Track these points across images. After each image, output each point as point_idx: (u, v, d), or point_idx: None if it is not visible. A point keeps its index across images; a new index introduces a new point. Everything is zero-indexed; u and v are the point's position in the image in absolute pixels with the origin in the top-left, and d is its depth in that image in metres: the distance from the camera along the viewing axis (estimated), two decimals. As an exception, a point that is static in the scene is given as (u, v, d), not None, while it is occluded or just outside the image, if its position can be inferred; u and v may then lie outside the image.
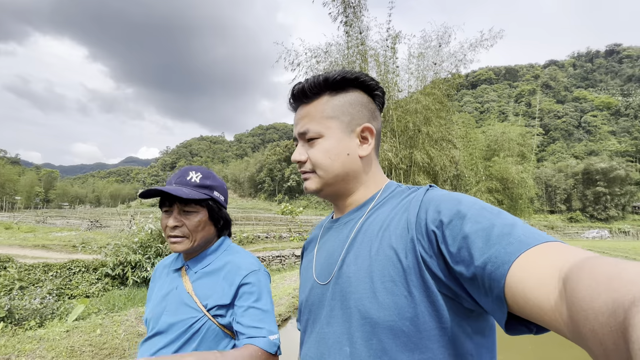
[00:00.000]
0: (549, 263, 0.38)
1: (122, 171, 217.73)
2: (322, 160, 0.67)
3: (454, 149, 13.36)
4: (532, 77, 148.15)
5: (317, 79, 0.68)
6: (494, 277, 0.41)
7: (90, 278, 6.91)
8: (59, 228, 19.25)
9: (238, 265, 0.97)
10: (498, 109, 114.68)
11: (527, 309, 0.38)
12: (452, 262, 0.48)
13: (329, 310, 0.63)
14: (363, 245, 0.61)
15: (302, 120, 0.70)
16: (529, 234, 0.43)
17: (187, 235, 0.96)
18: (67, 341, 3.81)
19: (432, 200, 0.56)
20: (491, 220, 0.46)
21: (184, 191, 0.93)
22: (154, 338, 0.92)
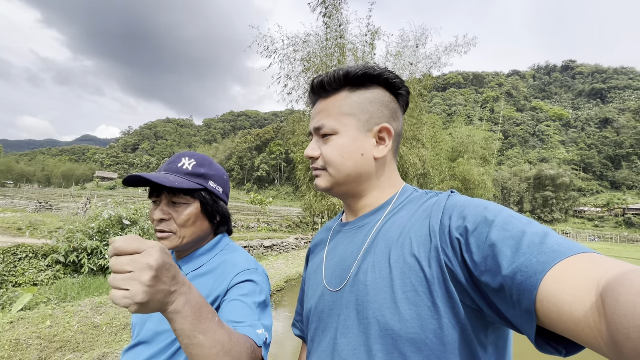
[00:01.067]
0: (585, 275, 0.36)
1: (77, 150, 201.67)
2: (335, 158, 0.64)
3: (422, 148, 13.86)
4: (496, 85, 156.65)
5: (337, 73, 0.65)
6: (524, 288, 0.39)
7: (39, 265, 6.36)
8: (2, 208, 17.52)
9: (233, 263, 0.86)
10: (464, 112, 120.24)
11: (560, 323, 0.36)
12: (476, 271, 0.45)
13: (342, 320, 0.59)
14: (381, 252, 0.58)
15: (319, 114, 0.67)
16: (563, 244, 0.40)
17: (174, 230, 0.84)
18: (10, 333, 3.48)
19: (456, 206, 0.53)
20: (521, 228, 0.44)
21: (169, 179, 0.81)
22: (138, 347, 0.82)
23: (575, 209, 68.73)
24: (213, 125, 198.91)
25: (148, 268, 0.46)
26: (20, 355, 3.15)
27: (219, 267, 0.86)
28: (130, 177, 0.80)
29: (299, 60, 10.96)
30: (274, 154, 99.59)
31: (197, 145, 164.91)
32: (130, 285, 0.45)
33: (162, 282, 0.48)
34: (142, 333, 0.82)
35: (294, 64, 10.93)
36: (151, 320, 0.83)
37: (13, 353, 3.16)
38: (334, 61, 11.07)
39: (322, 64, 11.04)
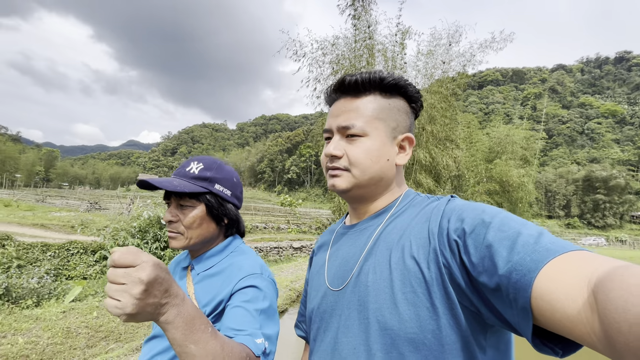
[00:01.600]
0: (577, 272, 0.36)
1: (123, 154, 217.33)
2: (363, 160, 0.64)
3: (457, 149, 13.31)
4: (539, 81, 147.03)
5: (374, 75, 0.65)
6: (519, 286, 0.40)
7: (88, 260, 6.93)
8: (58, 208, 19.28)
9: (239, 266, 0.87)
10: (503, 111, 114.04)
11: (554, 321, 0.37)
12: (474, 272, 0.46)
13: (344, 319, 0.60)
14: (382, 254, 0.59)
15: (348, 113, 0.65)
16: (557, 243, 0.41)
17: (182, 232, 0.88)
18: (63, 322, 3.83)
19: (455, 210, 0.55)
20: (516, 229, 0.44)
21: (173, 183, 0.85)
22: (153, 340, 0.86)
23: (632, 214, 62.25)
24: (246, 129, 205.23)
25: (139, 282, 0.48)
26: (71, 342, 3.44)
27: (226, 269, 0.88)
28: (141, 181, 0.86)
29: (328, 63, 11.01)
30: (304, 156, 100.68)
31: (231, 149, 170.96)
32: (122, 297, 0.47)
33: (152, 295, 0.49)
34: (157, 328, 0.87)
35: (323, 67, 11.00)
36: None
37: (65, 340, 3.47)
38: (362, 63, 11.01)
39: (351, 67, 11.01)
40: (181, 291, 0.56)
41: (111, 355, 3.26)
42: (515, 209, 20.21)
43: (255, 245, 12.08)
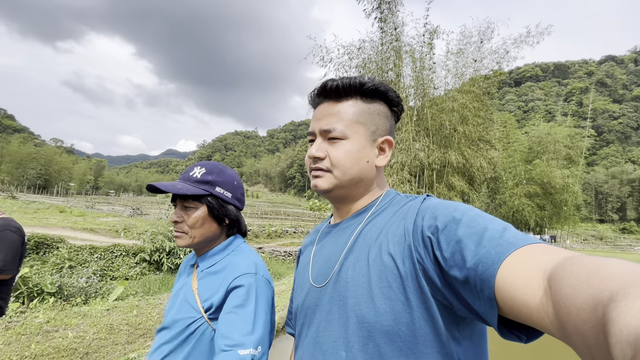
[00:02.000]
0: (534, 262, 0.39)
1: (163, 163, 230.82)
2: (343, 162, 0.67)
3: (492, 150, 12.69)
4: (585, 74, 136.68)
5: (354, 81, 0.68)
6: (484, 277, 0.42)
7: (130, 262, 7.41)
8: (105, 214, 20.82)
9: (236, 266, 0.92)
10: (544, 108, 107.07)
11: (514, 308, 0.39)
12: (446, 266, 0.49)
13: (325, 314, 0.63)
14: (362, 251, 0.62)
15: (329, 117, 0.68)
16: (518, 236, 0.44)
17: (186, 231, 0.95)
18: (107, 319, 4.12)
19: (429, 208, 0.57)
20: (484, 225, 0.47)
21: (177, 187, 0.92)
22: (162, 331, 0.93)
23: (701, 218, 55.52)
24: (276, 136, 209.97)
25: None
26: (114, 338, 3.69)
27: (225, 268, 0.94)
28: (149, 186, 0.94)
29: (354, 67, 11.02)
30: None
31: (262, 155, 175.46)
32: None
33: None
34: (167, 319, 0.95)
35: (349, 72, 11.02)
36: (173, 308, 0.95)
37: (108, 335, 3.73)
38: (389, 65, 10.89)
39: (377, 69, 10.94)
40: None
41: (148, 351, 3.45)
42: (560, 213, 18.81)
43: (284, 249, 12.26)
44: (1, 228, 1.85)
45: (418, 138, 10.74)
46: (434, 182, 10.83)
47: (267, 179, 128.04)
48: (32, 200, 27.67)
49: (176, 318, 0.91)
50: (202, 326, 0.88)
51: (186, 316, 0.89)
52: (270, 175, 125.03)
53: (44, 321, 3.83)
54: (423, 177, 10.95)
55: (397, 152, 10.40)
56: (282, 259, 11.81)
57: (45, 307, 4.45)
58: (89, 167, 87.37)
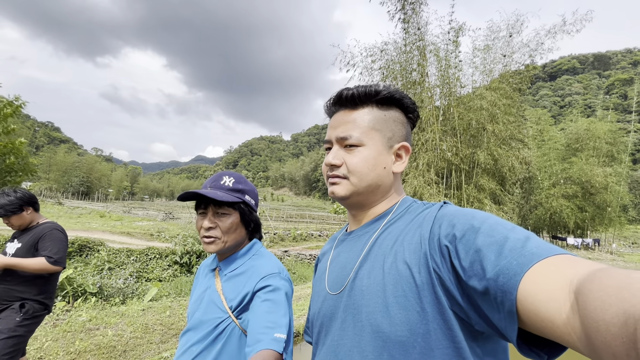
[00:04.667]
0: (560, 275, 0.37)
1: (192, 168, 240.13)
2: (360, 168, 0.67)
3: (524, 149, 12.06)
4: (629, 64, 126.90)
5: (370, 89, 0.69)
6: (505, 289, 0.41)
7: (163, 264, 7.76)
8: (141, 218, 21.95)
9: (260, 267, 0.98)
10: (583, 102, 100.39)
11: (538, 323, 0.37)
12: (464, 276, 0.47)
13: (340, 323, 0.63)
14: (377, 259, 0.62)
15: (346, 125, 0.69)
16: (542, 247, 0.42)
17: (219, 237, 1.00)
18: (142, 319, 4.34)
19: (446, 216, 0.56)
20: (504, 234, 0.46)
21: (218, 194, 0.99)
22: (188, 333, 0.98)
23: None
24: (300, 140, 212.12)
25: None
26: (149, 337, 3.88)
27: (249, 270, 1.00)
28: (187, 193, 0.99)
29: (378, 69, 10.94)
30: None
31: (286, 159, 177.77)
32: None
33: None
34: (192, 321, 0.99)
35: (373, 74, 10.96)
36: (199, 310, 0.99)
37: (144, 334, 3.92)
38: (414, 65, 10.70)
39: (402, 70, 10.78)
40: None
41: (180, 351, 3.60)
42: (604, 214, 17.48)
43: (310, 253, 12.31)
44: (50, 228, 2.09)
45: (445, 138, 10.44)
46: (462, 183, 10.47)
47: (291, 182, 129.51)
48: (76, 205, 29.74)
49: (203, 319, 0.96)
50: (229, 325, 0.93)
51: (214, 317, 0.94)
52: (294, 178, 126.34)
53: (87, 319, 4.10)
54: (451, 178, 10.61)
55: (422, 153, 10.16)
56: (307, 262, 11.86)
57: (87, 306, 4.76)
58: (126, 174, 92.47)
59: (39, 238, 2.03)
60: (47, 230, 2.07)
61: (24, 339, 1.97)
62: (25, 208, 2.06)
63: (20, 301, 1.96)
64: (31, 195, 2.11)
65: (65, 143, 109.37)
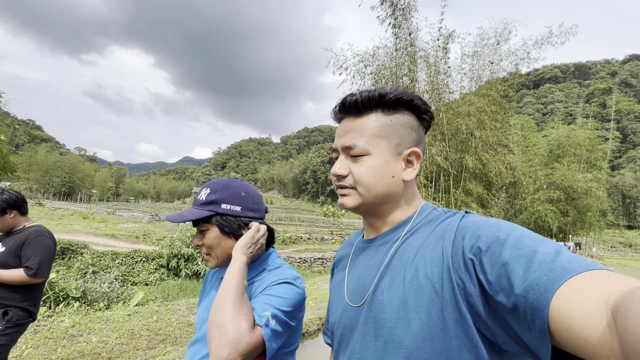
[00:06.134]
0: (595, 292, 0.36)
1: (179, 169, 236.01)
2: (367, 179, 0.65)
3: (510, 154, 12.36)
4: (607, 74, 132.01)
5: (373, 94, 0.66)
6: (536, 305, 0.39)
7: (149, 267, 7.57)
8: (125, 220, 21.41)
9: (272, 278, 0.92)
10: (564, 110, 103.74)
11: (572, 342, 0.36)
12: (491, 291, 0.45)
13: (361, 335, 0.62)
14: (397, 272, 0.60)
15: (350, 134, 0.67)
16: (574, 261, 0.40)
17: (209, 253, 0.97)
18: (128, 324, 4.21)
19: (469, 227, 0.54)
20: (533, 246, 0.44)
21: (183, 215, 0.96)
22: (197, 344, 0.93)
23: None
24: (289, 142, 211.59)
25: None
26: (135, 343, 3.76)
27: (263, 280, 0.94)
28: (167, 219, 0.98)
29: (369, 74, 11.02)
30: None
31: (275, 162, 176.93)
32: None
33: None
34: (201, 331, 0.94)
35: (365, 79, 11.02)
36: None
37: (130, 340, 3.80)
38: (404, 70, 10.83)
39: (392, 75, 10.90)
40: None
41: (168, 357, 3.49)
42: (585, 219, 18.06)
43: (299, 256, 12.25)
44: (36, 234, 1.97)
45: (434, 143, 10.59)
46: (450, 187, 10.64)
47: (280, 185, 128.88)
48: (58, 206, 28.79)
49: None
50: None
51: None
52: (283, 181, 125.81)
53: (70, 325, 3.95)
54: (440, 182, 10.78)
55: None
56: (297, 265, 11.80)
57: (70, 311, 4.59)
58: (110, 175, 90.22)
59: (23, 243, 1.92)
60: (33, 235, 1.95)
61: (6, 348, 1.87)
62: (9, 211, 1.95)
63: (3, 308, 1.86)
64: (18, 197, 2.01)
65: (47, 142, 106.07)
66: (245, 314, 0.74)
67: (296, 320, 0.89)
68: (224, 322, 0.71)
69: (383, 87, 0.66)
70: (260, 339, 0.73)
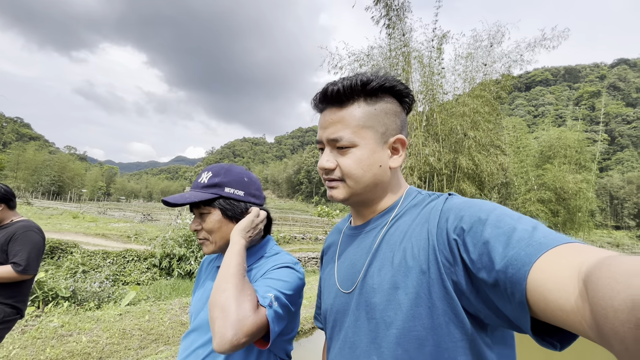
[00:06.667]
0: (568, 263, 0.37)
1: (172, 169, 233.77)
2: (355, 171, 0.65)
3: (502, 155, 12.51)
4: (596, 78, 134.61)
5: (354, 81, 0.64)
6: (515, 279, 0.41)
7: (141, 267, 7.47)
8: (117, 219, 21.11)
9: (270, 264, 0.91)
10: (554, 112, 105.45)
11: (548, 311, 0.38)
12: (473, 269, 0.47)
13: (354, 320, 0.63)
14: (386, 256, 0.62)
15: (335, 125, 0.66)
16: (549, 236, 0.42)
17: (208, 237, 0.94)
18: (120, 324, 4.14)
19: (452, 209, 0.56)
20: (512, 224, 0.46)
21: (184, 197, 0.92)
22: (193, 334, 0.91)
23: None
24: (283, 142, 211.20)
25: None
26: (126, 343, 3.70)
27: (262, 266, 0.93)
28: (163, 201, 0.94)
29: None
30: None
31: (269, 162, 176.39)
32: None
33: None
34: (197, 321, 0.92)
35: (359, 77, 11.06)
36: (204, 310, 0.92)
37: (121, 340, 3.74)
38: (398, 71, 10.89)
39: (386, 75, 10.95)
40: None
41: (160, 356, 3.44)
42: (574, 219, 18.37)
43: (294, 256, 12.21)
44: (25, 229, 1.91)
45: (427, 143, 10.66)
46: (444, 188, 10.72)
47: (274, 185, 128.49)
48: (46, 206, 28.25)
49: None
50: None
51: None
52: (277, 181, 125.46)
53: (59, 325, 3.87)
54: (433, 182, 10.85)
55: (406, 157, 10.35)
56: (291, 265, 11.78)
57: (59, 311, 4.50)
58: (101, 174, 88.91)
59: (10, 239, 1.87)
60: (21, 230, 1.90)
61: (-8, 346, 1.82)
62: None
63: None
64: (7, 191, 1.95)
65: (36, 140, 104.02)
66: (248, 294, 0.72)
67: (296, 306, 0.88)
68: (227, 303, 0.69)
69: (364, 73, 0.64)
70: (265, 320, 0.72)
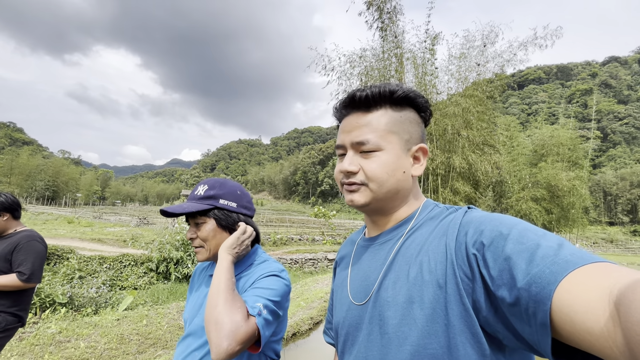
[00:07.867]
0: (597, 284, 0.35)
1: (168, 172, 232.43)
2: (380, 175, 0.64)
3: (496, 154, 12.62)
4: (588, 76, 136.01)
5: (384, 89, 0.65)
6: (538, 298, 0.39)
7: (138, 271, 7.46)
8: (112, 224, 20.97)
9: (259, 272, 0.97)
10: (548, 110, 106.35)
11: (574, 334, 0.36)
12: (493, 286, 0.45)
13: (367, 334, 0.61)
14: (401, 269, 0.60)
15: (360, 129, 0.66)
16: (576, 254, 0.40)
17: (202, 245, 1.02)
18: (117, 329, 4.16)
19: (472, 222, 0.54)
20: (535, 240, 0.44)
21: (183, 207, 1.00)
22: (188, 339, 0.96)
23: None
24: (279, 143, 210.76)
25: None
26: (124, 348, 3.72)
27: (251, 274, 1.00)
28: (161, 211, 1.02)
29: (356, 75, 11.10)
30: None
31: (266, 163, 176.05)
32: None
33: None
34: (192, 326, 0.97)
35: (352, 80, 11.11)
36: (199, 316, 0.97)
37: (119, 345, 3.76)
38: (391, 72, 10.96)
39: (380, 77, 11.02)
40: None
41: (159, 361, 3.47)
42: (568, 216, 18.59)
43: (290, 257, 12.24)
44: (28, 239, 1.95)
45: (422, 143, 10.77)
46: (438, 187, 10.82)
47: (271, 186, 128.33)
48: (41, 211, 28.00)
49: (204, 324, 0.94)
50: None
51: None
52: (274, 182, 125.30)
53: (57, 331, 3.88)
54: (428, 182, 10.95)
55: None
56: (288, 266, 11.79)
57: (57, 317, 4.51)
58: (96, 178, 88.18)
59: (14, 249, 1.91)
60: (24, 240, 1.93)
61: (-7, 353, 1.85)
62: (2, 214, 1.93)
63: None
64: (14, 201, 1.98)
65: (29, 145, 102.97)
66: (238, 307, 0.79)
67: (283, 310, 0.94)
68: (220, 317, 0.75)
69: (389, 83, 0.66)
70: (255, 328, 0.79)
